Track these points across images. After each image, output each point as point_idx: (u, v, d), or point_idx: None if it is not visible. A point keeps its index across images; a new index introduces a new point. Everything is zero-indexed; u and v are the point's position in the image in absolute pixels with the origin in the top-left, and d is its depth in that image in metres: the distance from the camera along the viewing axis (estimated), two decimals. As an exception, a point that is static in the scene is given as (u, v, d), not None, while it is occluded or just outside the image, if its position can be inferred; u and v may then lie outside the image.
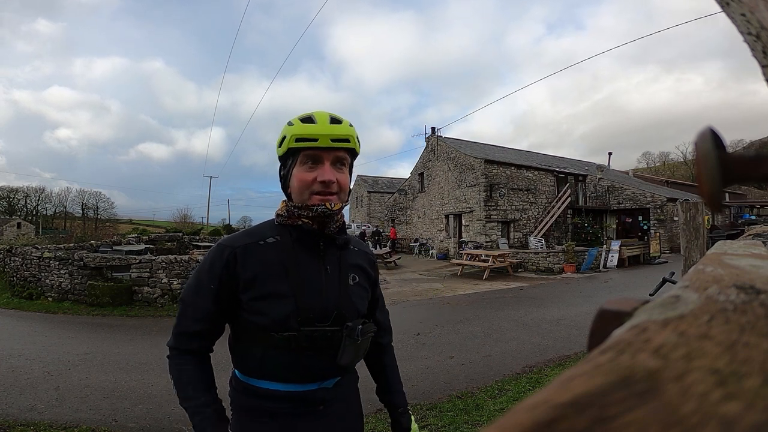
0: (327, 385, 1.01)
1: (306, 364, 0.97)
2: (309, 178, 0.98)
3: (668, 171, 51.93)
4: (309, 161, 0.99)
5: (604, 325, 0.25)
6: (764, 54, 0.37)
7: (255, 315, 0.96)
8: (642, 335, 0.19)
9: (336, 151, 0.99)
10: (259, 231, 1.04)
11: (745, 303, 0.22)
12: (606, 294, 8.64)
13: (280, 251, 1.00)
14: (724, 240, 0.98)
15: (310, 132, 0.97)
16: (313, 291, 0.99)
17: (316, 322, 0.97)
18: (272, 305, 0.95)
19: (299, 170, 1.00)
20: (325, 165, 0.99)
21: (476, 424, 3.06)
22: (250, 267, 0.97)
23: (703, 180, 0.29)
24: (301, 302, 0.96)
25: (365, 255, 1.18)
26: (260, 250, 0.99)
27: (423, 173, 21.84)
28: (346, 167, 1.04)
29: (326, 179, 0.97)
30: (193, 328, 0.99)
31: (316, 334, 0.97)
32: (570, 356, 4.66)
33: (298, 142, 0.98)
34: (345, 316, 1.01)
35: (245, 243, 1.00)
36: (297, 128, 0.99)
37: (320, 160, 0.99)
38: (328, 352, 0.98)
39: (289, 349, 0.95)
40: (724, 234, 9.68)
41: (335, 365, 0.99)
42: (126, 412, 3.50)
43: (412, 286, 10.68)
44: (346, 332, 0.99)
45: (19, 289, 9.22)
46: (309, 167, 0.99)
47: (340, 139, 0.99)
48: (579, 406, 0.14)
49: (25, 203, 55.68)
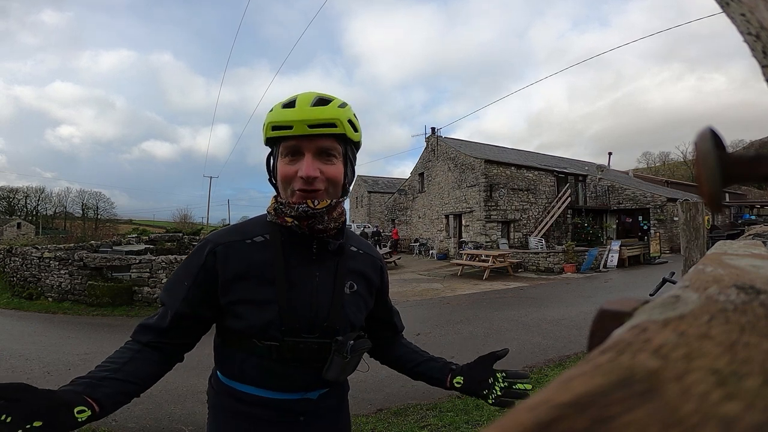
0: (311, 396, 0.93)
1: (288, 374, 0.89)
2: (290, 172, 0.86)
3: (668, 171, 51.94)
4: (289, 153, 0.87)
5: (604, 325, 0.25)
6: (764, 54, 0.37)
7: (234, 319, 0.88)
8: (642, 335, 0.19)
9: (318, 139, 0.85)
10: (247, 228, 0.94)
11: (745, 303, 0.22)
12: (606, 294, 8.63)
13: (267, 252, 0.90)
14: (724, 240, 0.98)
15: (284, 118, 0.84)
16: (301, 298, 0.89)
17: (301, 332, 0.88)
18: (254, 311, 0.86)
19: (281, 163, 0.88)
20: (305, 157, 0.85)
21: (476, 424, 3.06)
22: (232, 267, 0.88)
23: (703, 180, 0.29)
24: (285, 310, 0.87)
25: (370, 259, 1.04)
26: (245, 249, 0.90)
27: (423, 173, 21.83)
28: (338, 157, 0.89)
29: (305, 174, 0.84)
30: (155, 324, 0.89)
31: (301, 346, 0.87)
32: (570, 356, 4.66)
33: (274, 130, 0.86)
34: (335, 328, 0.91)
35: (229, 240, 0.90)
36: (275, 114, 0.86)
37: (300, 151, 0.86)
38: (313, 364, 0.90)
39: (271, 359, 0.87)
40: (724, 234, 9.69)
41: (320, 378, 0.90)
42: (126, 412, 3.50)
43: (412, 286, 10.67)
44: (335, 347, 0.89)
45: (19, 289, 9.22)
46: (289, 160, 0.87)
47: (322, 124, 0.84)
48: (579, 406, 0.14)
49: (25, 203, 55.74)
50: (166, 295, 0.92)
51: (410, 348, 1.16)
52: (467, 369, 1.04)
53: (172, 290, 0.91)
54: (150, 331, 0.89)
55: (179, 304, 0.89)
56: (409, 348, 1.16)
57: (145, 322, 0.91)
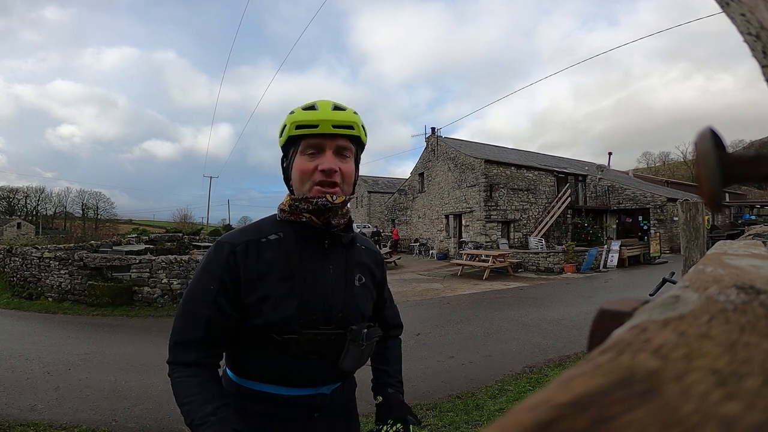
0: (325, 391, 0.96)
1: (305, 368, 0.92)
2: (310, 167, 0.93)
3: (668, 171, 51.94)
4: (310, 149, 0.94)
5: (604, 326, 0.25)
6: (764, 54, 0.37)
7: (255, 317, 0.90)
8: (642, 335, 0.19)
9: (338, 138, 0.94)
10: (260, 227, 0.98)
11: (745, 303, 0.22)
12: (606, 294, 8.64)
13: (282, 249, 0.94)
14: (724, 240, 0.98)
15: (311, 118, 0.92)
16: (317, 292, 0.94)
17: (319, 324, 0.92)
18: (274, 307, 0.90)
19: (300, 159, 0.94)
20: (326, 153, 0.93)
21: (476, 424, 3.06)
22: (252, 266, 0.91)
23: (703, 180, 0.29)
24: (304, 304, 0.91)
25: (372, 254, 1.12)
26: (262, 248, 0.93)
27: (423, 173, 21.84)
28: (351, 157, 0.98)
29: (327, 167, 0.91)
30: (191, 337, 0.89)
31: (319, 338, 0.92)
32: (570, 356, 4.66)
33: (298, 129, 0.93)
34: (349, 318, 0.96)
35: (246, 240, 0.94)
36: (298, 115, 0.94)
37: (322, 148, 0.93)
38: (330, 356, 0.93)
39: (289, 353, 0.90)
40: (724, 234, 9.69)
41: (336, 370, 0.94)
42: (126, 412, 3.50)
43: (412, 286, 10.67)
44: (351, 336, 0.94)
45: (19, 289, 9.22)
46: (310, 156, 0.94)
47: (343, 125, 0.93)
48: (579, 406, 0.14)
49: (25, 203, 55.75)
50: (192, 302, 0.91)
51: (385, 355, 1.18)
52: (383, 407, 1.09)
53: (197, 297, 0.91)
54: (190, 346, 0.89)
55: (210, 310, 0.89)
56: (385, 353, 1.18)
57: (180, 339, 0.90)
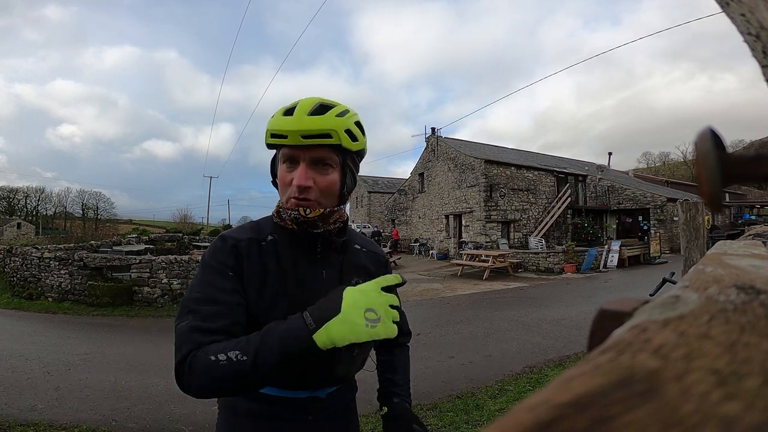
0: (319, 395, 0.93)
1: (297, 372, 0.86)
2: (287, 179, 0.89)
3: (668, 171, 51.93)
4: (287, 160, 0.88)
5: (604, 326, 0.25)
6: (764, 54, 0.37)
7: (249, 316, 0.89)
8: (642, 335, 0.19)
9: (313, 149, 0.86)
10: (259, 227, 0.96)
11: (745, 303, 0.22)
12: (606, 294, 8.64)
13: (277, 251, 0.92)
14: (724, 240, 0.98)
15: (281, 127, 0.85)
16: (309, 296, 0.90)
17: None
18: (266, 308, 0.88)
19: (281, 169, 0.90)
20: (300, 166, 0.87)
21: (476, 424, 3.06)
22: (251, 264, 0.89)
23: (703, 180, 0.29)
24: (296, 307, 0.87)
25: (374, 256, 1.07)
26: (261, 248, 0.92)
27: (423, 173, 21.83)
28: (334, 167, 0.90)
29: (297, 184, 0.86)
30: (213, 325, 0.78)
31: None
32: (570, 356, 4.66)
33: (272, 138, 0.87)
34: None
35: (248, 237, 0.92)
36: (274, 121, 0.87)
37: (296, 159, 0.87)
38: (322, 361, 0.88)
39: None
40: (724, 234, 9.69)
41: (330, 375, 0.91)
42: (126, 412, 3.50)
43: (412, 286, 10.67)
44: None
45: (19, 290, 9.22)
46: (287, 167, 0.89)
47: (316, 135, 0.84)
48: (579, 406, 0.14)
49: (25, 203, 55.74)
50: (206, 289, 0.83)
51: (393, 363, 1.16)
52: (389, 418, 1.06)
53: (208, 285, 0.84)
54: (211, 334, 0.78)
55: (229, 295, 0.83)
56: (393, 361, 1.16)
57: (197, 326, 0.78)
